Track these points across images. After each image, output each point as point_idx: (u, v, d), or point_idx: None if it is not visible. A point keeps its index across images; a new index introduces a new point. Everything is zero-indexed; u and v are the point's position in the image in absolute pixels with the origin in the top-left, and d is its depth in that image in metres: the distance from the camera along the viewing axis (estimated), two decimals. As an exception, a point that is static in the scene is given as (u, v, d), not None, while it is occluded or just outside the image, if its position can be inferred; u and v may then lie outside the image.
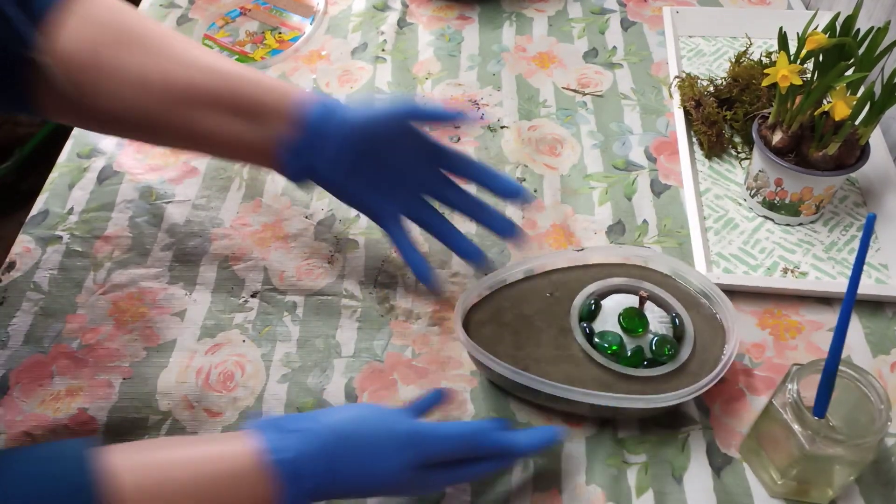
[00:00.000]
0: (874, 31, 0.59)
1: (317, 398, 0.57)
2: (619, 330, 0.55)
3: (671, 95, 0.80)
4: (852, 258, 0.65)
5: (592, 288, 0.58)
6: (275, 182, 0.73)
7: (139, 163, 0.75)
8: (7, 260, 0.67)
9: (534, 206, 0.70)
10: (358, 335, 0.61)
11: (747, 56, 0.78)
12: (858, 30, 0.59)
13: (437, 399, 0.53)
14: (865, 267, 0.64)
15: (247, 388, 0.58)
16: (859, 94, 0.61)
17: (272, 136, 0.53)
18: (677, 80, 0.79)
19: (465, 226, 0.69)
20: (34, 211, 0.71)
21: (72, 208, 0.71)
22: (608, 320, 0.56)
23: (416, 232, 0.68)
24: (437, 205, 0.59)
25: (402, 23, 0.92)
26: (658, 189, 0.72)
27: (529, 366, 0.54)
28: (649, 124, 0.79)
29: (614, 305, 0.56)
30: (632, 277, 0.59)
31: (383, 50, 0.88)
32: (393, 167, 0.56)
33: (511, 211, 0.70)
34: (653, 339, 0.54)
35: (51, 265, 0.66)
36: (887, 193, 0.69)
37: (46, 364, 0.59)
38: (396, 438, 0.44)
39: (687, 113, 0.76)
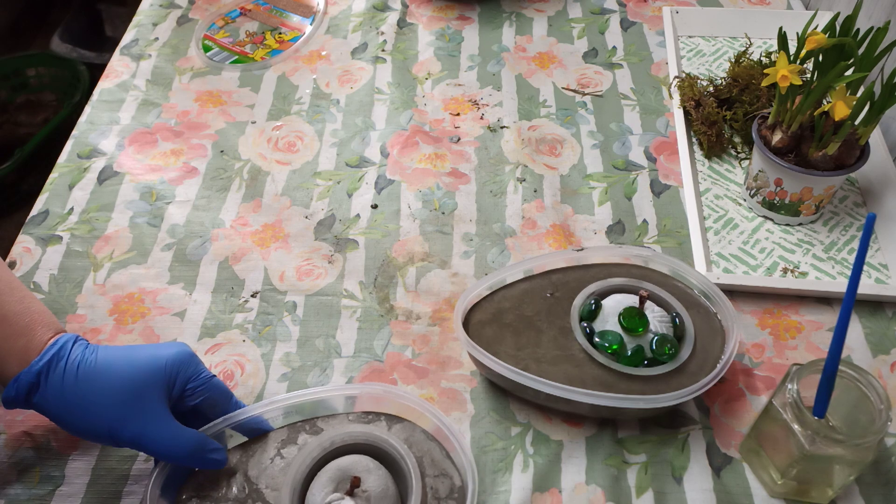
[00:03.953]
0: (874, 31, 0.59)
1: (317, 398, 0.57)
2: (619, 329, 0.55)
3: (671, 95, 0.80)
4: (852, 258, 0.65)
5: (592, 288, 0.58)
6: (275, 182, 0.73)
7: (139, 163, 0.75)
8: (7, 260, 0.67)
9: (534, 205, 0.70)
10: (358, 335, 0.61)
11: (747, 56, 0.78)
12: (858, 30, 0.59)
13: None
14: (865, 267, 0.64)
15: (246, 387, 0.58)
16: (859, 94, 0.61)
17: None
18: (677, 80, 0.79)
19: (464, 226, 0.69)
20: (34, 211, 0.71)
21: (72, 209, 0.71)
22: (608, 320, 0.56)
23: (415, 232, 0.69)
24: None
25: (402, 23, 0.92)
26: (658, 189, 0.72)
27: (529, 365, 0.54)
28: (649, 124, 0.79)
29: (614, 305, 0.56)
30: (632, 277, 0.59)
31: (383, 50, 0.88)
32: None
33: (512, 210, 0.70)
34: (653, 338, 0.54)
35: (51, 265, 0.66)
36: (887, 193, 0.69)
37: (46, 364, 0.59)
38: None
39: (687, 113, 0.76)
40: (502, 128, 0.78)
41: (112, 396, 0.46)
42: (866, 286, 0.63)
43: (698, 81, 0.77)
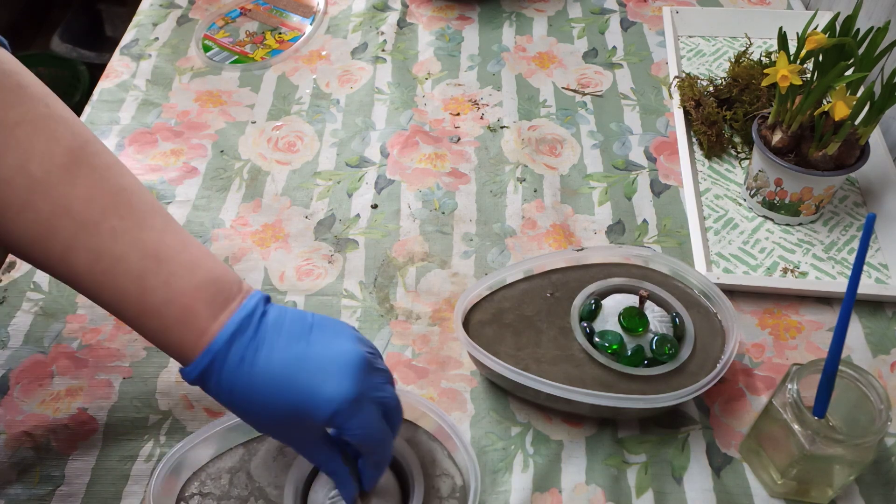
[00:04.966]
0: (874, 31, 0.59)
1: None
2: (619, 329, 0.55)
3: (671, 95, 0.80)
4: (852, 258, 0.65)
5: (592, 288, 0.58)
6: (274, 182, 0.73)
7: (139, 163, 0.75)
8: (7, 260, 0.67)
9: (534, 205, 0.70)
10: (358, 335, 0.61)
11: (747, 56, 0.78)
12: (858, 30, 0.59)
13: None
14: (865, 267, 0.64)
15: (247, 388, 0.58)
16: (859, 94, 0.61)
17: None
18: (677, 80, 0.79)
19: (464, 226, 0.69)
20: (34, 211, 0.71)
21: (72, 208, 0.71)
22: (608, 320, 0.56)
23: (415, 232, 0.69)
24: None
25: (402, 23, 0.92)
26: (658, 189, 0.72)
27: (529, 365, 0.54)
28: (649, 124, 0.79)
29: (614, 305, 0.56)
30: (632, 277, 0.59)
31: (383, 50, 0.88)
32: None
33: (512, 210, 0.70)
34: (653, 338, 0.54)
35: (51, 265, 0.66)
36: (887, 193, 0.69)
37: (46, 364, 0.59)
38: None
39: (687, 113, 0.76)
40: (502, 128, 0.78)
41: (268, 418, 0.42)
42: (866, 286, 0.63)
43: (698, 81, 0.77)
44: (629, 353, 0.54)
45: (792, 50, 0.61)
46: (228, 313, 0.41)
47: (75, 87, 1.57)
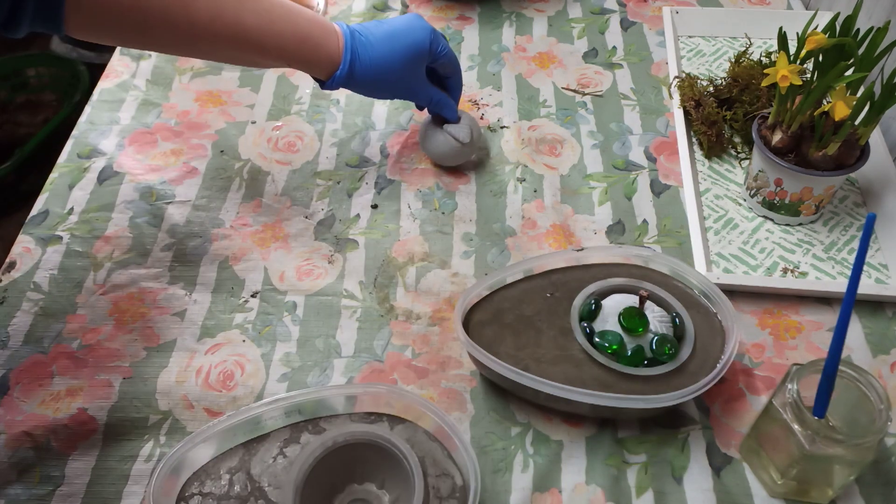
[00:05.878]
0: (874, 31, 0.59)
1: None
2: (619, 329, 0.55)
3: (671, 95, 0.80)
4: (852, 258, 0.65)
5: (592, 288, 0.58)
6: (274, 182, 0.73)
7: (139, 163, 0.75)
8: (7, 260, 0.67)
9: (534, 205, 0.71)
10: (358, 335, 0.61)
11: (747, 56, 0.78)
12: (858, 30, 0.59)
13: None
14: (865, 267, 0.64)
15: (246, 387, 0.58)
16: (859, 94, 0.61)
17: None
18: (677, 80, 0.79)
19: (464, 226, 0.69)
20: (34, 211, 0.71)
21: (72, 208, 0.71)
22: (608, 320, 0.56)
23: (415, 232, 0.69)
24: None
25: (402, 23, 0.92)
26: (658, 189, 0.72)
27: (529, 365, 0.54)
28: (649, 124, 0.79)
29: (614, 305, 0.56)
30: (632, 277, 0.59)
31: (383, 50, 0.88)
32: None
33: (512, 210, 0.70)
34: (653, 338, 0.54)
35: (51, 265, 0.66)
36: (887, 193, 0.69)
37: (46, 364, 0.59)
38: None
39: (687, 113, 0.76)
40: (502, 128, 0.78)
41: (398, 65, 0.65)
42: (866, 286, 0.63)
43: (698, 81, 0.77)
44: (629, 353, 0.54)
45: (792, 50, 0.61)
46: (336, 25, 0.64)
47: (75, 87, 1.57)
